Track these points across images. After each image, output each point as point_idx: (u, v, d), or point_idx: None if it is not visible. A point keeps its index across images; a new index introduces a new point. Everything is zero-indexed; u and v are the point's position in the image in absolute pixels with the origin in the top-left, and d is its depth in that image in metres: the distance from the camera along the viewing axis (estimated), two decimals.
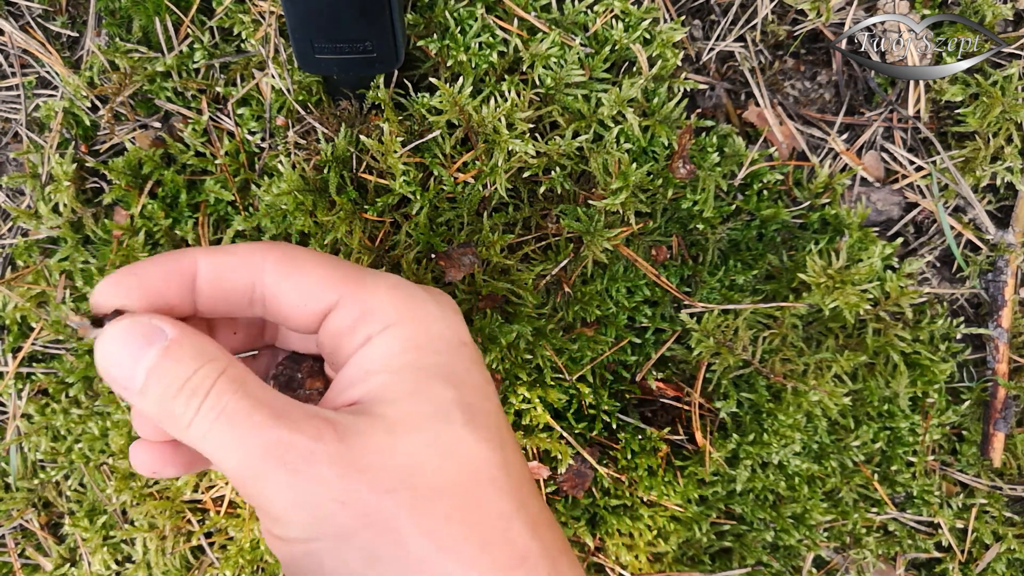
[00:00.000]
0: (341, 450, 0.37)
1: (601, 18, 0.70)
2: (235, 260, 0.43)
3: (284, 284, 0.43)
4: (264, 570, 0.80)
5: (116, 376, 0.40)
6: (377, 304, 0.42)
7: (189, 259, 0.43)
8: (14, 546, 0.83)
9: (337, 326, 0.43)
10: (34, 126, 0.79)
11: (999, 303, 0.82)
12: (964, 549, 0.86)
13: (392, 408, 0.39)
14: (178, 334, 0.40)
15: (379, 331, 0.41)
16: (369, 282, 0.43)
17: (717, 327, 0.75)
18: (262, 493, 0.37)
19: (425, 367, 0.41)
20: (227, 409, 0.38)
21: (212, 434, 0.38)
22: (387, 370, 0.41)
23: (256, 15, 0.70)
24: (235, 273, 0.43)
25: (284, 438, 0.37)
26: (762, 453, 0.78)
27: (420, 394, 0.40)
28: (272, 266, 0.43)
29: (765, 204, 0.76)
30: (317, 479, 0.36)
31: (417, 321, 0.42)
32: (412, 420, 0.39)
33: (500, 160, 0.68)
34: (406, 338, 0.41)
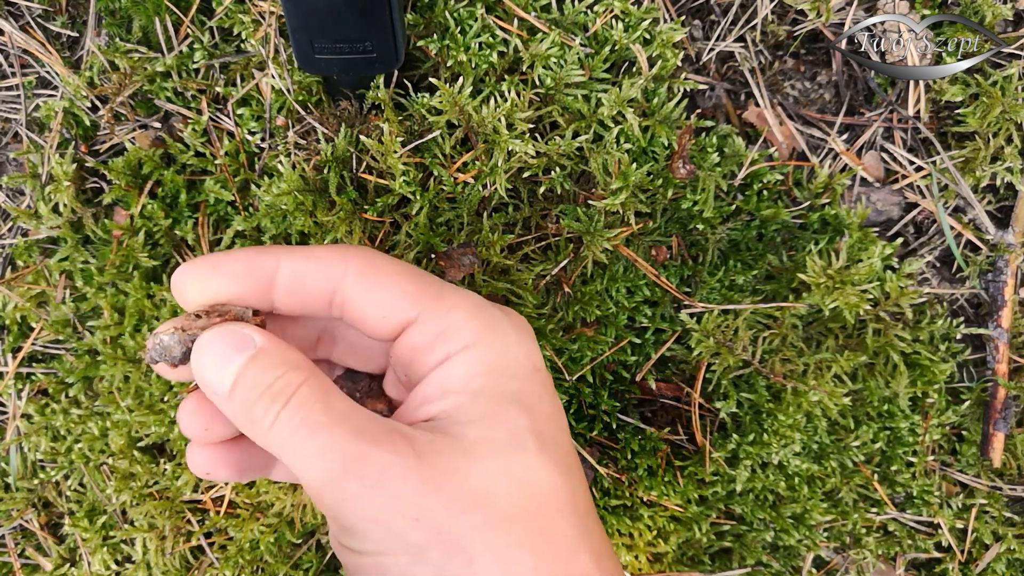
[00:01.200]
0: (418, 467, 0.38)
1: (601, 18, 0.70)
2: (317, 265, 0.44)
3: (366, 294, 0.44)
4: (264, 570, 0.80)
5: (207, 381, 0.42)
6: (457, 323, 0.43)
7: (272, 259, 0.44)
8: (14, 546, 0.83)
9: (415, 341, 0.43)
10: (34, 126, 0.79)
11: (999, 303, 0.82)
12: (964, 549, 0.86)
13: (469, 430, 0.40)
14: (266, 343, 0.42)
15: (458, 351, 0.42)
16: (449, 299, 0.44)
17: (717, 327, 0.75)
18: (337, 504, 0.38)
19: (501, 392, 0.42)
20: (308, 419, 0.39)
21: (292, 442, 0.39)
22: (465, 391, 0.41)
23: (256, 15, 0.70)
24: (316, 278, 0.44)
25: (363, 452, 0.37)
26: (762, 453, 0.78)
27: (495, 419, 0.41)
28: (354, 275, 0.44)
29: (765, 204, 0.76)
30: (393, 495, 0.37)
31: (495, 344, 0.43)
32: (487, 445, 0.40)
33: (500, 160, 0.68)
34: (484, 361, 0.42)
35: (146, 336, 0.46)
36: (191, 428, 0.47)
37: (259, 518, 0.78)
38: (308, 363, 0.42)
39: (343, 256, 0.44)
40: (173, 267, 0.77)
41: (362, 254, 0.44)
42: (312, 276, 0.44)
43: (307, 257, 0.44)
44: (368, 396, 0.51)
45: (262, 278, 0.44)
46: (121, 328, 0.74)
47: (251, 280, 0.44)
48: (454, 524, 0.37)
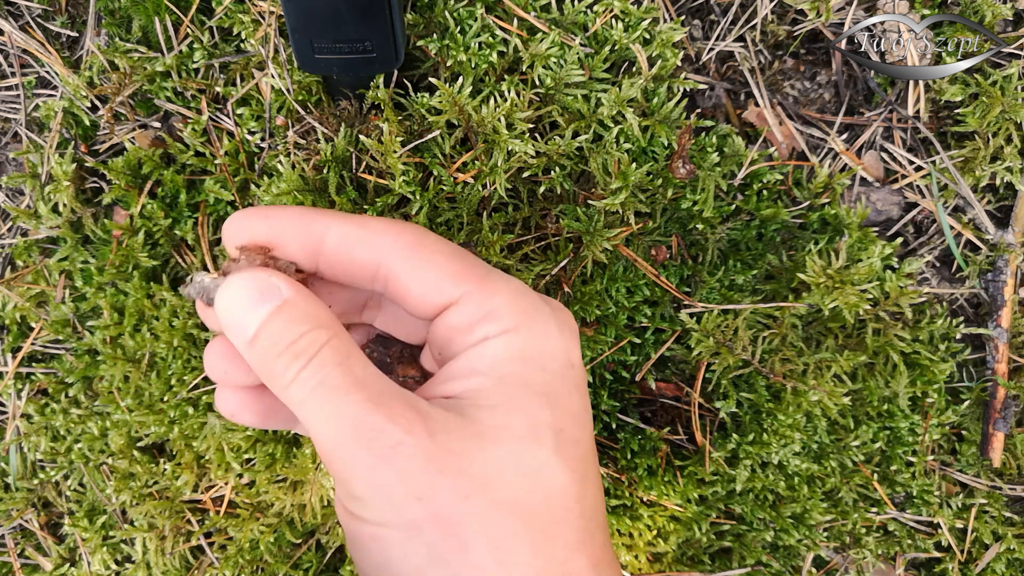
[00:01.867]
0: (428, 447, 0.38)
1: (601, 18, 0.70)
2: (366, 235, 0.43)
3: (412, 271, 0.43)
4: (264, 570, 0.80)
5: (230, 323, 0.42)
6: (499, 307, 0.42)
7: (322, 222, 0.43)
8: (14, 546, 0.83)
9: (456, 322, 0.43)
10: (34, 126, 0.79)
11: (999, 303, 0.82)
12: (964, 549, 0.86)
13: (486, 415, 0.40)
14: (293, 295, 0.41)
15: (495, 334, 0.42)
16: (493, 283, 0.43)
17: (717, 327, 0.75)
18: (346, 469, 0.38)
19: (529, 382, 0.41)
20: (327, 381, 0.39)
21: (309, 401, 0.39)
22: (492, 374, 0.41)
23: (256, 15, 0.70)
24: (364, 248, 0.43)
25: (376, 424, 0.37)
26: (762, 453, 0.78)
27: (517, 408, 0.40)
28: (402, 250, 0.43)
29: (765, 204, 0.76)
30: (400, 470, 0.37)
31: (534, 333, 0.42)
32: (502, 433, 0.39)
33: (500, 160, 0.68)
34: (519, 347, 0.42)
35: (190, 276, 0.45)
36: (213, 370, 0.46)
37: (259, 518, 0.78)
38: (334, 321, 0.42)
39: (392, 230, 0.44)
40: (173, 267, 0.77)
41: (411, 230, 0.44)
42: (360, 246, 0.43)
43: (358, 226, 0.44)
44: (400, 361, 0.50)
45: (311, 239, 0.43)
46: (121, 328, 0.74)
47: (300, 238, 0.43)
48: (455, 507, 0.37)
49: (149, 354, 0.74)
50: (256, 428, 0.66)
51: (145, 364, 0.74)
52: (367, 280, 0.45)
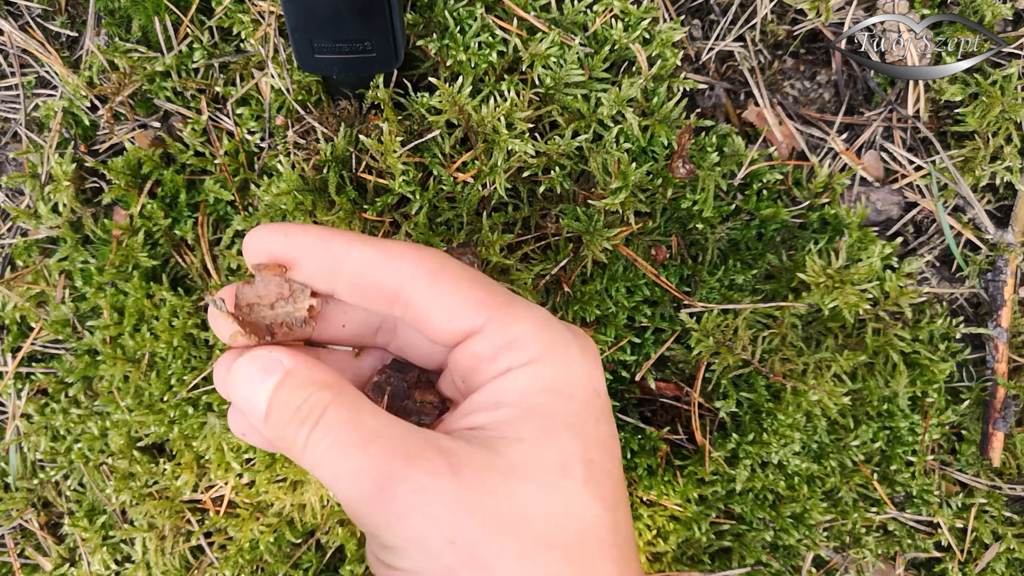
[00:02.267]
0: (454, 487, 0.37)
1: (600, 18, 0.70)
2: (387, 260, 0.43)
3: (433, 298, 0.43)
4: (264, 570, 0.80)
5: (243, 407, 0.42)
6: (524, 335, 0.42)
7: (342, 244, 0.43)
8: (14, 546, 0.83)
9: (480, 350, 0.43)
10: (33, 126, 0.79)
11: (998, 303, 0.82)
12: (964, 549, 0.86)
13: (514, 449, 0.39)
14: (294, 365, 0.41)
15: (520, 364, 0.41)
16: (517, 311, 0.43)
17: (717, 327, 0.75)
18: (373, 523, 0.38)
19: (556, 413, 0.41)
20: (338, 440, 0.39)
21: (325, 463, 0.39)
22: (519, 406, 0.40)
23: (255, 15, 0.70)
24: (384, 272, 0.43)
25: (398, 472, 0.37)
26: (761, 453, 0.78)
27: (545, 441, 0.40)
28: (424, 276, 0.43)
29: (765, 204, 0.76)
30: (429, 515, 0.37)
31: (558, 363, 0.42)
32: (532, 467, 0.39)
33: (499, 160, 0.68)
34: (545, 378, 0.41)
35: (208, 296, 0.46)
36: (236, 426, 0.47)
37: (259, 518, 0.78)
38: (337, 380, 0.41)
39: (413, 255, 0.43)
40: (173, 267, 0.77)
41: (432, 256, 0.43)
42: (380, 270, 0.43)
43: (378, 250, 0.43)
44: (417, 387, 0.50)
45: (330, 260, 0.43)
46: (120, 328, 0.74)
47: (319, 258, 0.43)
48: (488, 547, 0.37)
49: (149, 354, 0.74)
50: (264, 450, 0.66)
51: (145, 364, 0.74)
52: (385, 304, 0.44)
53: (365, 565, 0.79)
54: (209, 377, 0.73)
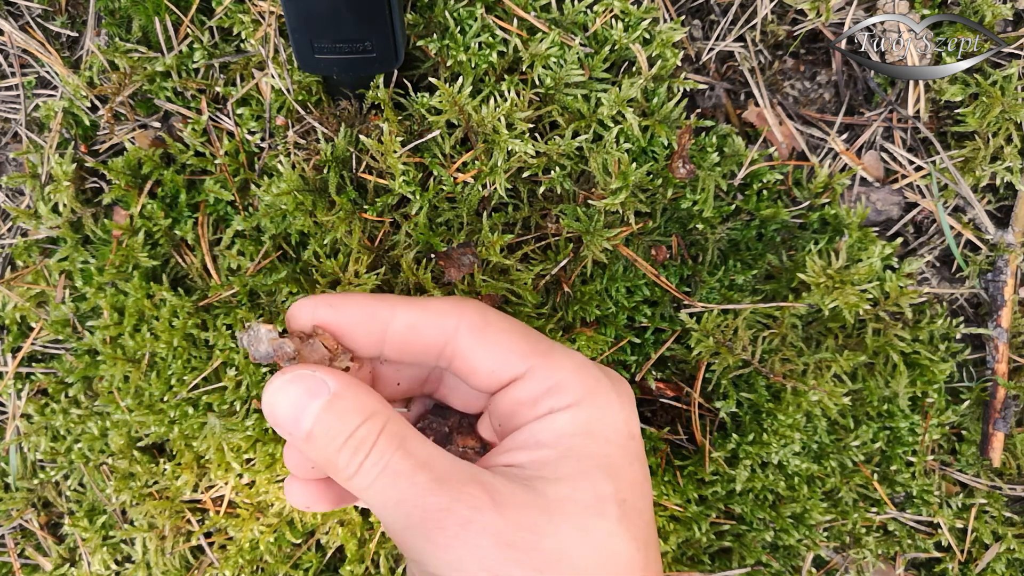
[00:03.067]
0: (496, 521, 0.38)
1: (601, 18, 0.70)
2: (432, 319, 0.45)
3: (478, 350, 0.45)
4: (264, 570, 0.80)
5: (281, 423, 0.43)
6: (564, 381, 0.44)
7: (387, 309, 0.45)
8: (14, 546, 0.83)
9: (521, 396, 0.45)
10: (34, 126, 0.79)
11: (999, 303, 0.82)
12: (964, 549, 0.86)
13: (553, 488, 0.41)
14: (341, 388, 0.43)
15: (560, 408, 0.43)
16: (557, 358, 0.45)
17: (717, 327, 0.75)
18: (418, 550, 0.39)
19: (592, 455, 0.42)
20: (389, 467, 0.40)
21: (375, 489, 0.40)
22: (557, 447, 0.42)
23: (256, 15, 0.70)
24: (429, 331, 0.45)
25: (443, 504, 0.38)
26: (762, 453, 0.78)
27: (582, 481, 0.41)
28: (467, 330, 0.45)
29: (765, 204, 0.76)
30: (471, 547, 0.38)
31: (596, 407, 0.44)
32: (569, 506, 0.40)
33: (500, 160, 0.68)
34: (582, 421, 0.43)
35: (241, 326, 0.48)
36: (298, 467, 0.49)
37: (259, 518, 0.78)
38: (385, 407, 0.43)
39: (457, 310, 0.45)
40: (173, 267, 0.77)
41: (475, 309, 0.46)
42: (426, 329, 0.45)
43: (423, 310, 0.45)
44: (458, 431, 0.52)
45: (376, 328, 0.45)
46: (121, 328, 0.74)
47: (366, 327, 0.45)
48: None
49: (149, 354, 0.74)
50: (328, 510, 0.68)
51: (145, 364, 0.74)
52: (432, 358, 0.46)
53: (365, 565, 0.79)
54: (209, 377, 0.73)
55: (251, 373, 0.72)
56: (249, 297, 0.73)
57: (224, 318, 0.73)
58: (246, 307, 0.73)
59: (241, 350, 0.51)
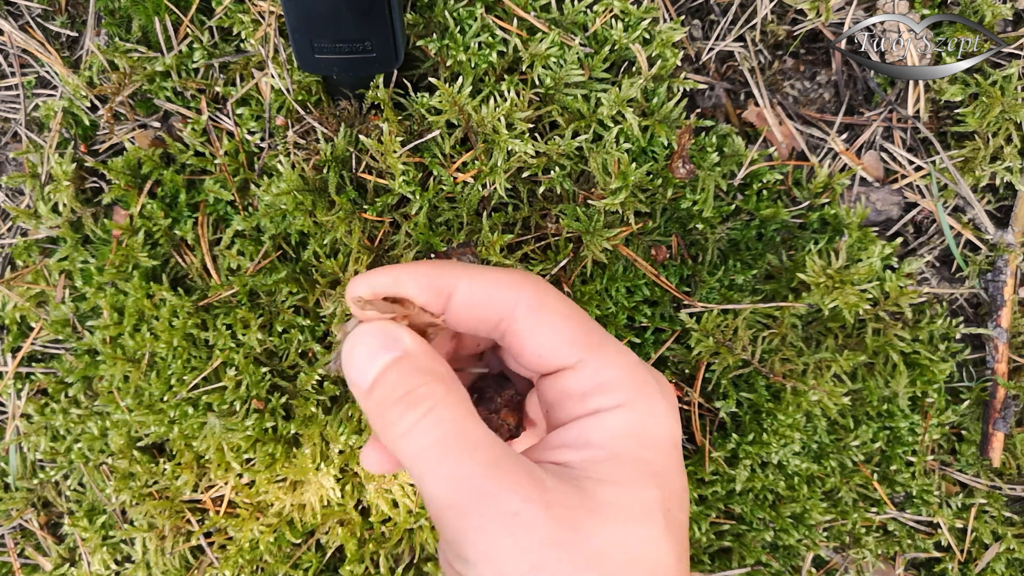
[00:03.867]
0: (544, 518, 0.38)
1: (600, 18, 0.70)
2: (491, 291, 0.45)
3: (532, 329, 0.45)
4: (263, 570, 0.80)
5: (350, 374, 0.43)
6: (614, 379, 0.44)
7: (451, 277, 0.45)
8: (13, 546, 0.83)
9: (570, 387, 0.44)
10: (33, 126, 0.79)
11: (998, 303, 0.82)
12: (963, 549, 0.86)
13: (601, 490, 0.40)
14: (414, 347, 0.42)
15: (609, 407, 0.43)
16: (608, 353, 0.45)
17: (716, 327, 0.75)
18: (458, 532, 0.38)
19: (640, 459, 0.42)
20: (444, 439, 0.39)
21: (424, 456, 0.39)
22: (605, 449, 0.42)
23: (256, 15, 0.70)
24: (488, 303, 0.45)
25: (493, 491, 0.38)
26: (761, 453, 0.78)
27: (630, 486, 0.41)
28: (525, 308, 0.45)
29: (765, 204, 0.76)
30: (516, 540, 0.38)
31: (645, 411, 0.44)
32: (617, 510, 0.40)
33: (499, 160, 0.68)
34: (632, 424, 0.43)
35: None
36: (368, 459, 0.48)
37: (259, 518, 0.78)
38: (452, 378, 0.42)
39: (518, 285, 0.45)
40: (172, 267, 0.77)
41: (535, 287, 0.46)
42: (485, 301, 0.45)
43: (484, 282, 0.45)
44: (507, 406, 0.52)
45: (440, 295, 0.45)
46: (120, 328, 0.74)
47: (426, 299, 0.45)
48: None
49: (149, 354, 0.74)
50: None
51: (145, 364, 0.74)
52: (488, 330, 0.46)
53: (365, 565, 0.79)
54: (209, 377, 0.73)
55: (251, 373, 0.72)
56: (249, 297, 0.73)
57: (224, 318, 0.73)
58: (246, 307, 0.73)
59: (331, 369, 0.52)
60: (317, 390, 0.73)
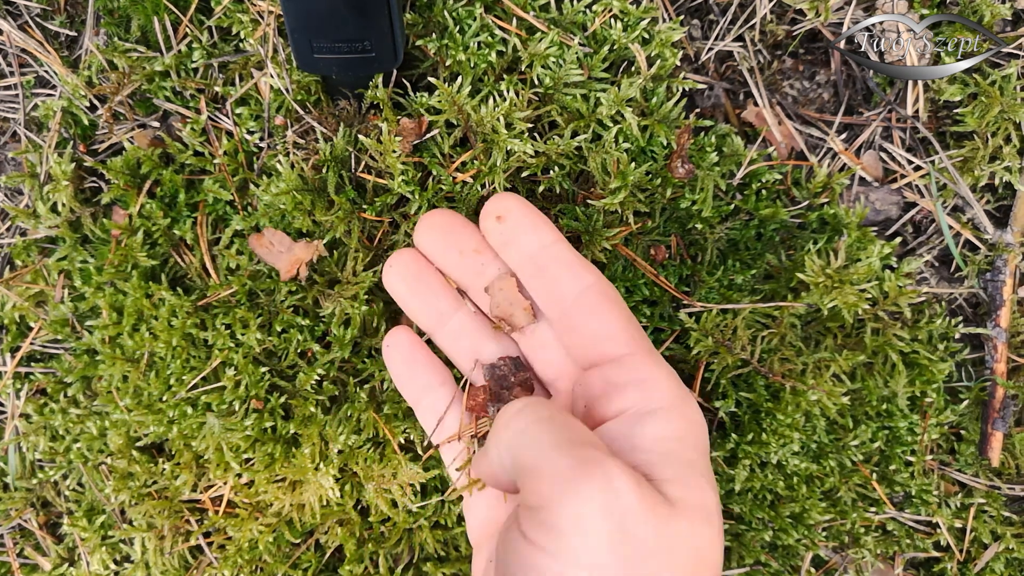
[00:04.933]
0: (633, 496, 0.40)
1: (600, 17, 0.70)
2: (574, 266, 0.49)
3: (593, 314, 0.48)
4: (263, 570, 0.80)
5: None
6: (657, 380, 0.46)
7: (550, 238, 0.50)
8: (13, 546, 0.83)
9: (614, 378, 0.46)
10: (32, 125, 0.79)
11: (997, 303, 0.82)
12: (962, 548, 0.86)
13: (669, 488, 0.42)
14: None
15: (653, 409, 0.45)
16: (655, 359, 0.47)
17: (716, 326, 0.75)
18: (551, 495, 0.39)
19: (689, 462, 0.44)
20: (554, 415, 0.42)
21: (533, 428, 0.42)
22: (655, 452, 0.44)
23: (255, 14, 0.70)
24: (567, 274, 0.49)
25: (597, 461, 0.39)
26: (761, 453, 0.78)
27: (686, 484, 0.43)
28: (593, 292, 0.48)
29: (764, 204, 0.76)
30: (609, 512, 0.39)
31: (687, 415, 0.46)
32: (686, 507, 0.41)
33: (499, 160, 0.68)
34: (675, 428, 0.45)
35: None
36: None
37: (258, 518, 0.78)
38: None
39: (593, 271, 0.49)
40: (172, 267, 0.77)
41: (601, 276, 0.49)
42: (569, 269, 0.49)
43: (575, 255, 0.49)
44: (520, 386, 0.55)
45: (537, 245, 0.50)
46: (120, 328, 0.74)
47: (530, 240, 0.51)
48: (638, 564, 0.39)
49: (148, 354, 0.74)
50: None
51: (144, 364, 0.74)
52: (547, 303, 0.50)
53: (364, 565, 0.79)
54: (208, 377, 0.73)
55: (250, 373, 0.72)
56: (248, 297, 0.73)
57: (223, 317, 0.73)
58: (245, 306, 0.73)
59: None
60: (316, 390, 0.73)
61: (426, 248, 0.58)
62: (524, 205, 0.53)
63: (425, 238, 0.58)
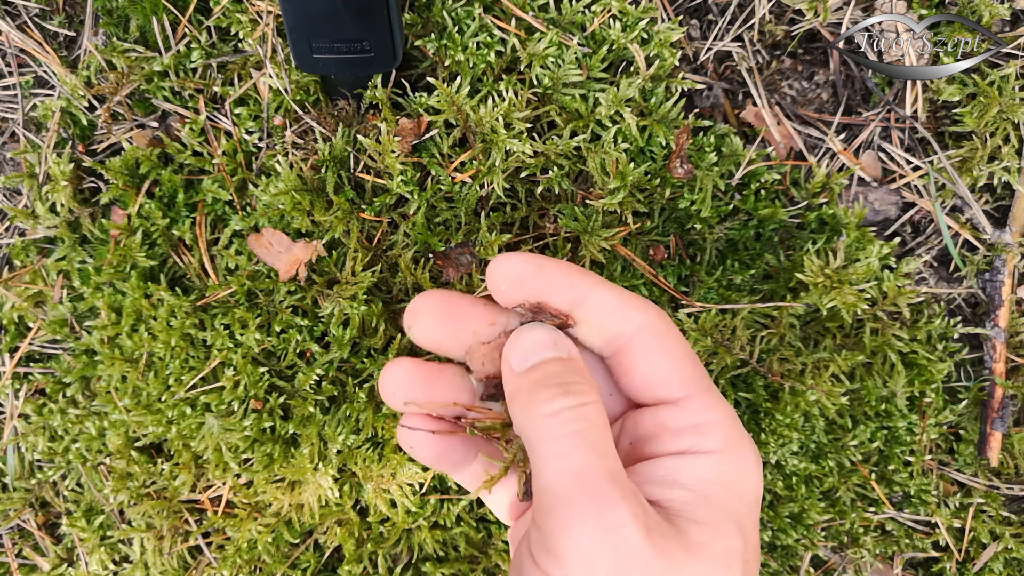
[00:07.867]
0: (643, 541, 0.39)
1: (599, 18, 0.70)
2: (624, 309, 0.47)
3: (650, 355, 0.46)
4: (262, 570, 0.80)
5: (510, 355, 0.46)
6: (712, 424, 0.45)
7: (588, 284, 0.47)
8: (11, 546, 0.83)
9: (668, 422, 0.45)
10: (31, 126, 0.79)
11: (996, 303, 0.82)
12: (961, 548, 0.86)
13: (693, 530, 0.42)
14: (578, 358, 0.46)
15: (704, 451, 0.44)
16: (712, 400, 0.46)
17: (715, 326, 0.75)
18: (563, 524, 0.39)
19: (727, 507, 0.43)
20: (585, 435, 0.41)
21: (560, 442, 0.41)
22: (695, 491, 0.43)
23: (254, 15, 0.70)
24: (616, 317, 0.47)
25: (609, 498, 0.39)
26: (760, 452, 0.78)
27: (717, 530, 0.42)
28: (649, 332, 0.46)
29: (763, 204, 0.76)
30: (615, 551, 0.39)
31: (737, 461, 0.45)
32: (704, 551, 0.41)
33: (498, 160, 0.68)
34: (722, 472, 0.44)
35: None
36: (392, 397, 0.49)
37: (257, 518, 0.78)
38: (598, 393, 0.45)
39: (643, 309, 0.47)
40: (170, 267, 0.77)
41: (661, 314, 0.47)
42: (614, 315, 0.47)
43: (619, 295, 0.47)
44: None
45: (573, 297, 0.47)
46: (118, 328, 0.74)
47: (561, 296, 0.47)
48: None
49: (147, 354, 0.74)
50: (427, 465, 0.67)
51: (143, 364, 0.74)
52: (601, 345, 0.48)
53: (363, 565, 0.79)
54: (207, 377, 0.73)
55: (249, 373, 0.72)
56: (247, 297, 0.73)
57: (222, 318, 0.73)
58: (244, 307, 0.73)
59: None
60: (315, 390, 0.73)
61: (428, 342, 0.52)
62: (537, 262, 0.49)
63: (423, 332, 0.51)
